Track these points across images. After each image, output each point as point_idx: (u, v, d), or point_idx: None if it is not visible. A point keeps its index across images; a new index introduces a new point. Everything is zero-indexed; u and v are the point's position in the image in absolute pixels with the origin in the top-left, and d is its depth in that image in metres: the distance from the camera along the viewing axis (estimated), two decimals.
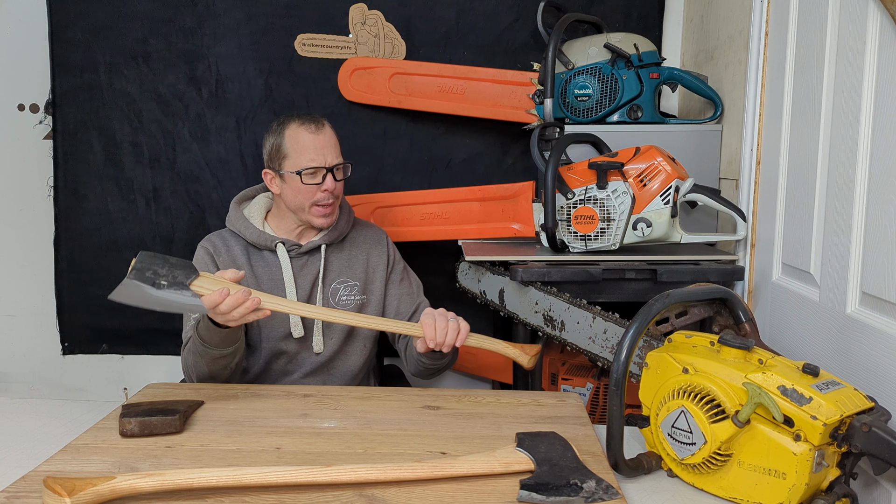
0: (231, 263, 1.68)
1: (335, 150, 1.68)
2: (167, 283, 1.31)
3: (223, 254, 1.69)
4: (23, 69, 2.37)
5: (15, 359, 2.50)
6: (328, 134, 1.68)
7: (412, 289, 1.81)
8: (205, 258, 1.69)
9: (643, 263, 1.78)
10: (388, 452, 1.18)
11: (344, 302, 1.73)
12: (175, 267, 1.33)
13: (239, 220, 1.72)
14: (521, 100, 2.18)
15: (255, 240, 1.69)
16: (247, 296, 1.34)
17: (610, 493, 1.03)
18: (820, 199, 1.46)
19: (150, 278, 1.30)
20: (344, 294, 1.73)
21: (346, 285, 1.74)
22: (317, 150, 1.65)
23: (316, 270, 1.71)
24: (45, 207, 2.40)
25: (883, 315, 1.22)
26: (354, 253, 1.78)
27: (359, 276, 1.76)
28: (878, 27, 1.26)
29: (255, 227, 1.70)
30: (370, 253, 1.79)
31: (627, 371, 1.12)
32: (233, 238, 1.72)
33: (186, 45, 2.30)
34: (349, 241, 1.78)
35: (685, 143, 1.99)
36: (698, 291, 1.26)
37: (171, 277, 1.32)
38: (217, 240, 1.72)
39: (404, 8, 2.29)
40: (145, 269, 1.31)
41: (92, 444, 1.20)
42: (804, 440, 1.00)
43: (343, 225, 1.76)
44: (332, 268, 1.74)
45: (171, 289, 1.31)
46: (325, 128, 1.68)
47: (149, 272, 1.31)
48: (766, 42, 1.73)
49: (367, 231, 1.83)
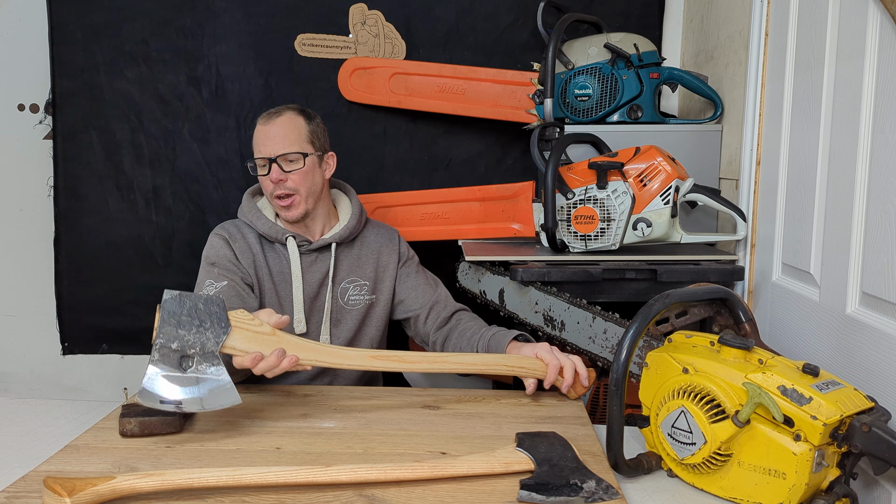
0: (247, 250, 1.67)
1: (285, 140, 1.64)
2: (196, 352, 1.19)
3: (239, 240, 1.68)
4: (23, 69, 2.37)
5: (15, 359, 2.50)
6: (278, 124, 1.65)
7: (428, 280, 1.80)
8: (221, 245, 1.67)
9: (643, 263, 1.78)
10: (388, 452, 1.18)
11: (353, 302, 1.73)
12: (203, 325, 1.19)
13: (251, 212, 1.70)
14: (521, 100, 2.18)
15: (267, 231, 1.68)
16: (280, 359, 1.24)
17: (610, 493, 1.03)
18: (820, 199, 1.46)
19: (175, 356, 1.18)
20: (353, 294, 1.73)
21: (355, 284, 1.73)
22: (262, 141, 1.65)
23: (325, 268, 1.70)
24: (45, 207, 2.40)
25: (883, 315, 1.22)
26: (365, 252, 1.77)
27: (368, 275, 1.75)
28: (878, 27, 1.26)
29: (267, 219, 1.69)
30: (381, 252, 1.78)
31: (627, 371, 1.12)
32: (245, 227, 1.71)
33: (186, 45, 2.30)
34: (360, 240, 1.77)
35: (685, 143, 1.99)
36: (698, 291, 1.26)
37: (199, 345, 1.19)
38: (231, 227, 1.71)
39: (404, 8, 2.29)
40: (170, 342, 1.17)
41: (92, 444, 1.20)
42: (804, 440, 1.00)
43: (354, 224, 1.74)
44: (341, 266, 1.73)
45: (200, 366, 1.19)
46: (279, 118, 1.65)
47: (175, 343, 1.18)
48: (766, 42, 1.73)
49: (380, 230, 1.82)
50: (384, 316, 1.78)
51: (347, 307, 1.73)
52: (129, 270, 2.38)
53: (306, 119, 1.69)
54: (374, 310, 1.76)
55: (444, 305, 1.76)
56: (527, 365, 1.42)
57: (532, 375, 1.43)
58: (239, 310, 1.25)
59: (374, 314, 1.76)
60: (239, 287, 1.62)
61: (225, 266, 1.64)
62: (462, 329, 1.68)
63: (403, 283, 1.78)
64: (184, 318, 1.19)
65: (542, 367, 1.42)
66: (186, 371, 1.18)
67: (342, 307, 1.72)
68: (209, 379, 1.19)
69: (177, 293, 1.20)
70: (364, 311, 1.74)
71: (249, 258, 1.67)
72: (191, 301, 1.20)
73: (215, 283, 1.61)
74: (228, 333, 1.21)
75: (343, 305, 1.72)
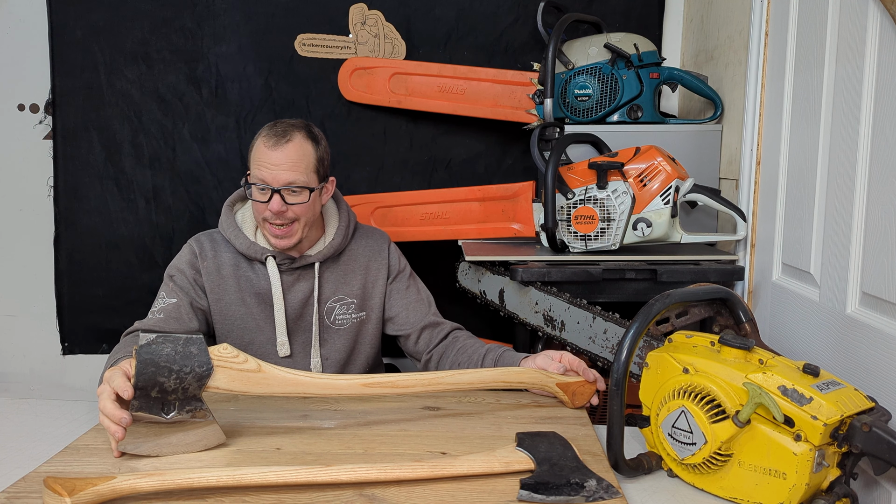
0: (214, 271, 1.59)
1: (292, 171, 1.51)
2: (177, 396, 1.12)
3: (209, 258, 1.60)
4: (23, 69, 2.37)
5: (15, 359, 2.50)
6: (287, 151, 1.51)
7: (421, 298, 1.71)
8: (186, 261, 1.60)
9: (643, 263, 1.78)
10: (388, 452, 1.18)
11: (340, 321, 1.65)
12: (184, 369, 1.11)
13: (229, 228, 1.61)
14: (521, 100, 2.18)
15: (245, 250, 1.59)
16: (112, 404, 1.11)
17: (610, 493, 1.03)
18: (820, 199, 1.46)
19: (156, 402, 1.11)
20: (340, 313, 1.64)
21: (341, 303, 1.64)
22: (265, 165, 1.51)
23: (308, 288, 1.62)
24: (45, 207, 2.40)
25: (883, 315, 1.22)
26: (351, 267, 1.67)
27: (355, 292, 1.66)
28: (878, 27, 1.26)
29: (244, 237, 1.60)
30: (369, 265, 1.68)
31: (628, 371, 1.12)
32: (223, 243, 1.62)
33: (186, 45, 2.30)
34: (346, 254, 1.67)
35: (685, 143, 1.99)
36: (698, 291, 1.26)
37: (180, 390, 1.12)
38: (206, 241, 1.63)
39: (404, 8, 2.29)
40: (149, 389, 1.10)
41: (92, 444, 1.20)
42: (804, 440, 1.00)
43: (339, 241, 1.64)
44: (326, 284, 1.64)
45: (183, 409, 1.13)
46: (288, 144, 1.51)
47: (154, 391, 1.10)
48: (766, 42, 1.73)
49: (367, 241, 1.71)
50: (377, 332, 1.70)
51: (335, 327, 1.65)
52: (129, 270, 2.38)
53: (314, 145, 1.56)
54: (366, 327, 1.68)
55: (436, 327, 1.68)
56: (526, 379, 1.37)
57: (534, 388, 1.40)
58: (222, 345, 1.17)
59: (366, 332, 1.68)
60: (183, 310, 1.56)
61: (180, 284, 1.59)
62: (461, 346, 1.61)
63: (393, 300, 1.70)
64: (162, 364, 1.10)
65: (543, 380, 1.37)
66: (168, 416, 1.12)
67: (329, 327, 1.64)
68: (193, 422, 1.15)
69: (152, 336, 1.12)
70: (355, 330, 1.67)
71: (215, 280, 1.60)
72: (169, 344, 1.12)
73: (166, 299, 1.57)
74: (212, 374, 1.13)
75: (330, 325, 1.64)
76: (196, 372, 1.12)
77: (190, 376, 1.12)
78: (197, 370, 1.12)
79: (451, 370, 1.43)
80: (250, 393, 1.18)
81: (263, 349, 1.62)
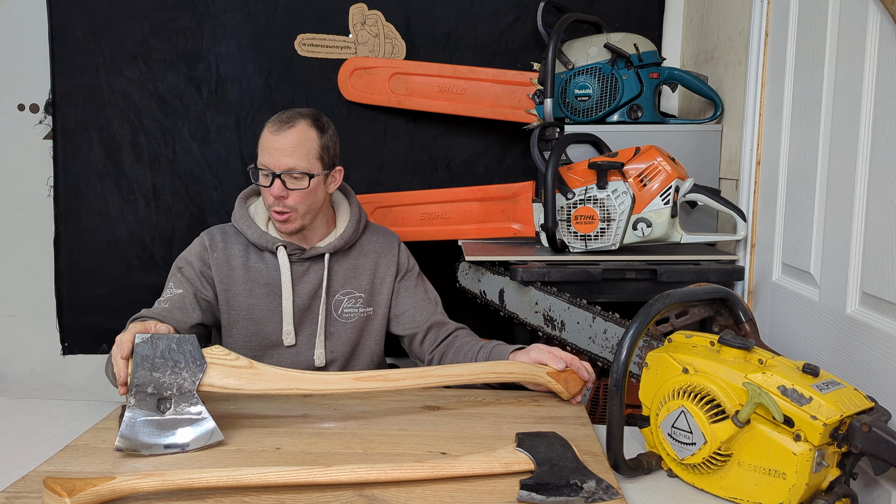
0: (224, 262, 1.62)
1: (293, 156, 1.53)
2: (173, 393, 1.17)
3: (219, 249, 1.62)
4: (23, 69, 2.37)
5: (15, 359, 2.50)
6: (289, 136, 1.54)
7: (428, 297, 1.73)
8: (196, 254, 1.63)
9: (643, 263, 1.78)
10: (388, 452, 1.18)
11: (347, 315, 1.66)
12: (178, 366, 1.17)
13: (242, 219, 1.64)
14: (521, 100, 2.18)
15: (257, 240, 1.62)
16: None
17: (610, 493, 1.03)
18: (820, 199, 1.46)
19: (152, 399, 1.16)
20: (347, 306, 1.66)
21: (349, 297, 1.66)
22: (268, 150, 1.54)
23: (318, 279, 1.64)
24: (45, 207, 2.40)
25: (883, 315, 1.22)
26: (361, 261, 1.69)
27: (364, 286, 1.68)
28: (878, 27, 1.26)
29: (257, 227, 1.63)
30: (378, 261, 1.70)
31: (627, 371, 1.12)
32: (235, 235, 1.65)
33: (186, 45, 2.30)
34: (357, 249, 1.69)
35: (685, 143, 1.99)
36: (698, 291, 1.26)
37: (176, 387, 1.17)
38: (218, 234, 1.66)
39: (404, 8, 2.29)
40: (145, 386, 1.16)
41: (92, 444, 1.20)
42: (804, 440, 1.00)
43: (350, 233, 1.66)
44: (336, 277, 1.66)
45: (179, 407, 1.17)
46: (290, 130, 1.54)
47: (150, 388, 1.16)
48: (766, 42, 1.73)
49: (379, 238, 1.73)
50: (382, 329, 1.71)
51: (341, 320, 1.66)
52: (129, 270, 2.38)
53: (319, 132, 1.58)
54: (372, 323, 1.69)
55: (442, 326, 1.69)
56: (516, 370, 1.38)
57: (525, 381, 1.41)
58: (214, 346, 1.24)
59: (371, 327, 1.69)
60: (188, 301, 1.59)
61: (188, 276, 1.61)
62: (459, 344, 1.63)
63: (401, 298, 1.71)
64: (157, 360, 1.17)
65: (533, 371, 1.38)
66: (165, 413, 1.17)
67: (336, 320, 1.66)
68: (189, 419, 1.18)
69: (148, 336, 1.18)
70: (361, 325, 1.68)
71: (224, 270, 1.62)
72: (163, 343, 1.18)
73: (173, 289, 1.60)
74: (205, 371, 1.19)
75: (337, 318, 1.66)
76: (190, 368, 1.18)
77: (185, 372, 1.18)
78: (191, 366, 1.18)
79: (442, 365, 1.45)
80: (244, 390, 1.21)
81: (270, 339, 1.63)
